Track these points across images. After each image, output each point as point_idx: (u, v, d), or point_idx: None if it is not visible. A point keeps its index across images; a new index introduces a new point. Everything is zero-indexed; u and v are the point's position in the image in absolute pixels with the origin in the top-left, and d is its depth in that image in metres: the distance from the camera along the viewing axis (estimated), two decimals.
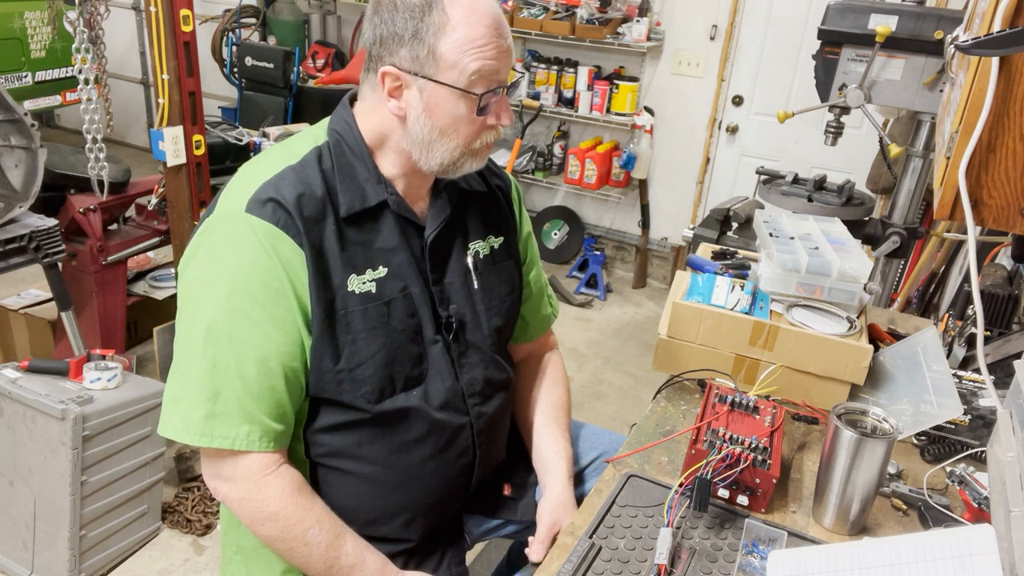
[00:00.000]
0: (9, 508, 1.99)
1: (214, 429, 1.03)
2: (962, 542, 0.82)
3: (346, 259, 1.07)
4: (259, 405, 1.04)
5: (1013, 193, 0.90)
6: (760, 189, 2.42)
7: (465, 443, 1.21)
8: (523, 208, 1.38)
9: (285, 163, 1.08)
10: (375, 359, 1.09)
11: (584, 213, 4.53)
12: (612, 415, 3.04)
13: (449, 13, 1.02)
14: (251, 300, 1.02)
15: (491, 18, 1.04)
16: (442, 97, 1.05)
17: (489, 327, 1.24)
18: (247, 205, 1.03)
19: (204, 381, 1.02)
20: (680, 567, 1.00)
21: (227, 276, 1.02)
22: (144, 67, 5.55)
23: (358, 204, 1.09)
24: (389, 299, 1.10)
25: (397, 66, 1.05)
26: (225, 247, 1.04)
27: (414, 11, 1.02)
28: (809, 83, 2.26)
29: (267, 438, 1.05)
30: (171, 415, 1.06)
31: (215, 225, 1.05)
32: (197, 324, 1.04)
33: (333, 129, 1.13)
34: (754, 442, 1.13)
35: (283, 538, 1.06)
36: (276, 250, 1.02)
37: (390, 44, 1.04)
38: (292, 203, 1.03)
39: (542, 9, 4.05)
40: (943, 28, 1.95)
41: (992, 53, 0.84)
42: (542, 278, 1.42)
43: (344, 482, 1.16)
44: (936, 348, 1.41)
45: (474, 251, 1.23)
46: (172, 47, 2.20)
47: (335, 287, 1.06)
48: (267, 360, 1.03)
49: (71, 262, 2.55)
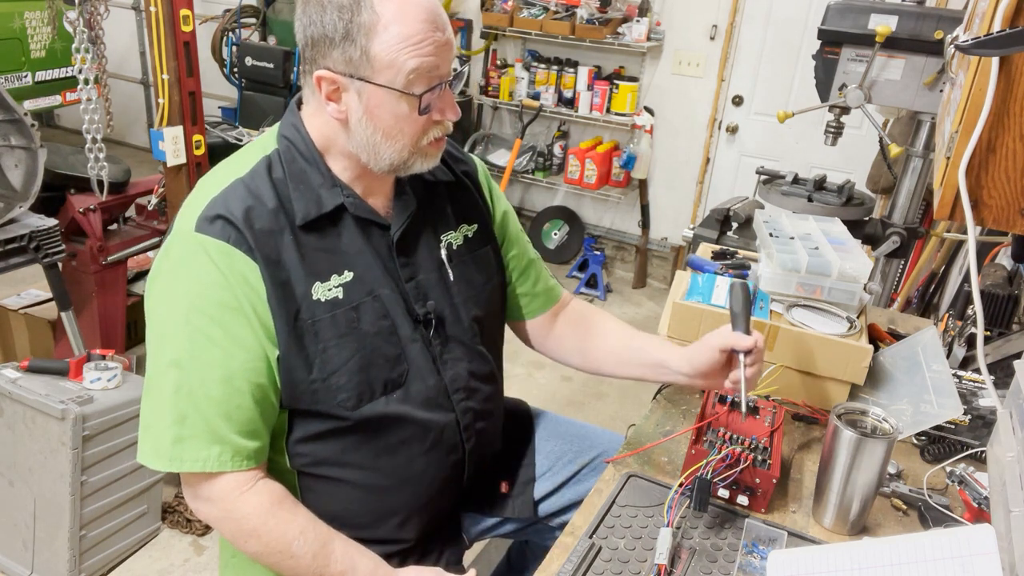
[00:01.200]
0: (9, 508, 1.99)
1: (183, 453, 1.02)
2: (962, 542, 0.82)
3: (308, 267, 1.05)
4: (228, 424, 1.02)
5: (1013, 193, 0.90)
6: (760, 189, 2.42)
7: (453, 440, 1.19)
8: (493, 187, 1.33)
9: (234, 176, 1.05)
10: (348, 366, 1.07)
11: (584, 213, 4.53)
12: (612, 415, 3.04)
13: (379, 11, 0.97)
14: (209, 320, 1.00)
15: (425, 12, 1.00)
16: (381, 99, 1.01)
17: (469, 318, 1.21)
18: (196, 224, 1.01)
19: (170, 405, 1.01)
20: (680, 567, 1.00)
21: (183, 298, 1.01)
22: (144, 67, 5.55)
23: (314, 211, 1.06)
24: (358, 303, 1.08)
25: (331, 69, 1.01)
26: (179, 269, 1.02)
27: (342, 11, 0.98)
28: (809, 83, 2.26)
29: (239, 457, 1.04)
30: (144, 441, 1.05)
31: (171, 246, 1.04)
32: (161, 348, 1.03)
33: (283, 135, 1.10)
34: (754, 442, 1.13)
35: (267, 552, 1.05)
36: (230, 267, 1.00)
37: (321, 46, 1.00)
38: (241, 217, 1.01)
39: (542, 9, 4.05)
40: (943, 28, 1.95)
41: (992, 53, 0.84)
42: (530, 252, 1.38)
43: (333, 489, 1.15)
44: (936, 348, 1.41)
45: (447, 243, 1.20)
46: (172, 47, 2.20)
47: (299, 297, 1.04)
48: (231, 379, 1.01)
49: (71, 262, 2.55)
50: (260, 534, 1.04)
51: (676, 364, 1.21)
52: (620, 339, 1.33)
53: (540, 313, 1.39)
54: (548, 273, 1.42)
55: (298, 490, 1.15)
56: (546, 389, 3.08)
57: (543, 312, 1.39)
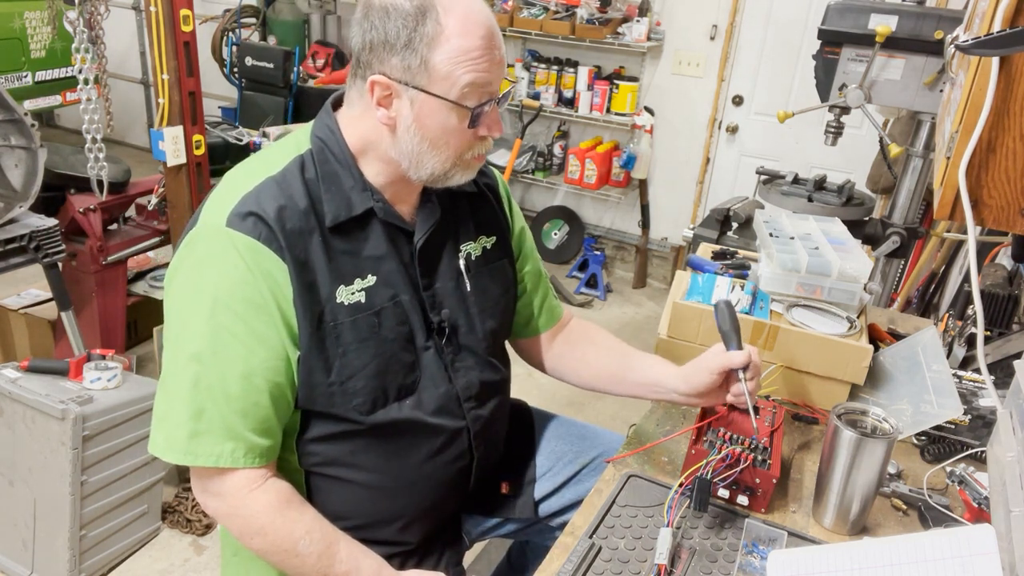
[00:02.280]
0: (9, 508, 1.99)
1: (198, 448, 1.02)
2: (962, 542, 0.82)
3: (333, 270, 1.05)
4: (244, 422, 1.02)
5: (1013, 193, 0.90)
6: (760, 189, 2.42)
7: (462, 447, 1.20)
8: (513, 203, 1.35)
9: (266, 173, 1.05)
10: (366, 370, 1.07)
11: (584, 213, 4.53)
12: (612, 415, 3.04)
13: (444, 23, 0.99)
14: (233, 316, 1.00)
15: (485, 29, 1.02)
16: (433, 108, 1.03)
17: (484, 329, 1.22)
18: (228, 219, 1.01)
19: (188, 399, 1.01)
20: (680, 567, 1.00)
21: (209, 292, 1.01)
22: (144, 67, 5.55)
23: (344, 213, 1.06)
24: (379, 308, 1.08)
25: (387, 75, 1.02)
26: (206, 263, 1.02)
27: (407, 19, 0.99)
28: (809, 83, 2.26)
29: (252, 454, 1.04)
30: (158, 432, 1.05)
31: (197, 239, 1.03)
32: (181, 341, 1.03)
33: (316, 136, 1.10)
34: (754, 442, 1.13)
35: (273, 551, 1.06)
36: (258, 265, 1.00)
37: (380, 52, 1.01)
38: (273, 216, 1.01)
39: (542, 9, 4.05)
40: (943, 28, 1.95)
41: (992, 53, 0.84)
42: (541, 270, 1.41)
43: (340, 489, 1.15)
44: (936, 348, 1.41)
45: (466, 253, 1.22)
46: (172, 47, 2.20)
47: (323, 299, 1.04)
48: (251, 376, 1.01)
49: (71, 262, 2.55)
50: (267, 532, 1.05)
51: (672, 383, 1.22)
52: (616, 359, 1.34)
53: (543, 331, 1.40)
54: (554, 292, 1.44)
55: (305, 489, 1.15)
56: (546, 389, 3.08)
57: (546, 330, 1.40)
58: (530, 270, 1.37)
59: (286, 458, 1.13)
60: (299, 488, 1.13)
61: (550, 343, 1.41)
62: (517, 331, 1.40)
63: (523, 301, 1.36)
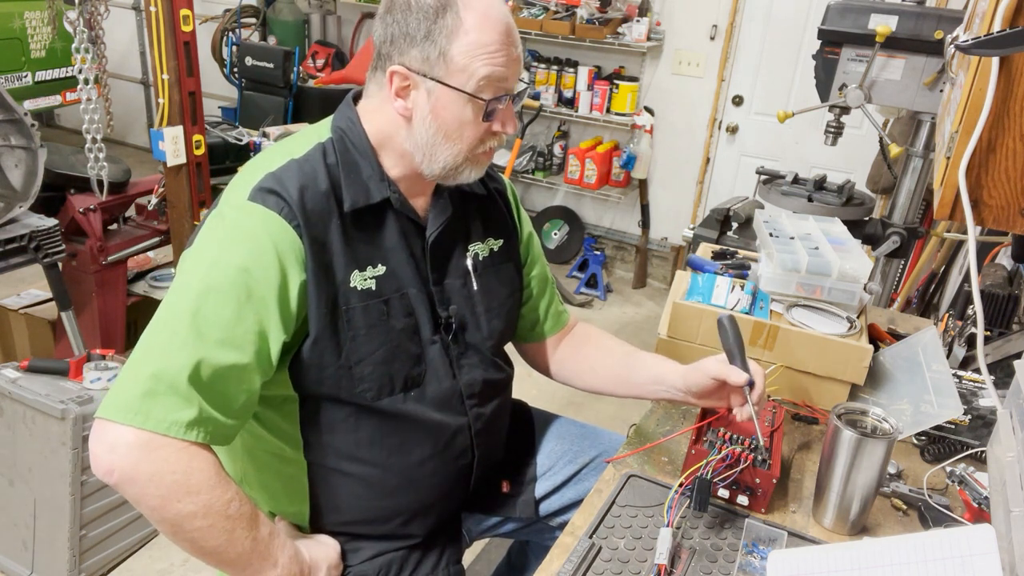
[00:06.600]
0: (9, 508, 1.99)
1: (151, 410, 0.94)
2: (962, 542, 0.82)
3: (349, 254, 1.07)
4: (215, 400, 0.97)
5: (1013, 193, 0.90)
6: (760, 189, 2.42)
7: (464, 444, 1.21)
8: (521, 209, 1.38)
9: (289, 156, 1.08)
10: (374, 357, 1.09)
11: (584, 213, 4.53)
12: (612, 415, 3.04)
13: (463, 17, 1.02)
14: (226, 291, 0.97)
15: (504, 25, 1.05)
16: (449, 100, 1.05)
17: (490, 329, 1.23)
18: (250, 194, 1.02)
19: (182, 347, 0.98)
20: (680, 567, 1.00)
21: (210, 256, 1.00)
22: (144, 67, 5.55)
23: (362, 200, 1.08)
24: (388, 297, 1.10)
25: (407, 66, 1.05)
26: (231, 235, 1.01)
27: (428, 12, 1.02)
28: (809, 83, 2.26)
29: (218, 433, 0.98)
30: (115, 395, 0.98)
31: (219, 215, 1.04)
32: (170, 303, 1.01)
33: (337, 126, 1.13)
34: (754, 442, 1.13)
35: (204, 512, 0.96)
36: (275, 242, 1.00)
37: (401, 44, 1.04)
38: (296, 196, 1.02)
39: (542, 9, 4.05)
40: (943, 28, 1.95)
41: (992, 53, 0.84)
42: (548, 276, 1.42)
43: (342, 484, 1.16)
44: (936, 348, 1.41)
45: (473, 253, 1.23)
46: (172, 47, 2.20)
47: (338, 282, 1.06)
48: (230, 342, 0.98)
49: (71, 262, 2.55)
50: (202, 491, 0.96)
51: (672, 379, 1.23)
52: (620, 361, 1.35)
53: (549, 336, 1.41)
54: (559, 298, 1.44)
55: (307, 482, 1.15)
56: (546, 389, 3.07)
57: (552, 335, 1.41)
58: (537, 275, 1.38)
59: (288, 451, 1.14)
60: (302, 483, 1.14)
61: (555, 348, 1.42)
62: (523, 336, 1.40)
63: (529, 306, 1.37)
